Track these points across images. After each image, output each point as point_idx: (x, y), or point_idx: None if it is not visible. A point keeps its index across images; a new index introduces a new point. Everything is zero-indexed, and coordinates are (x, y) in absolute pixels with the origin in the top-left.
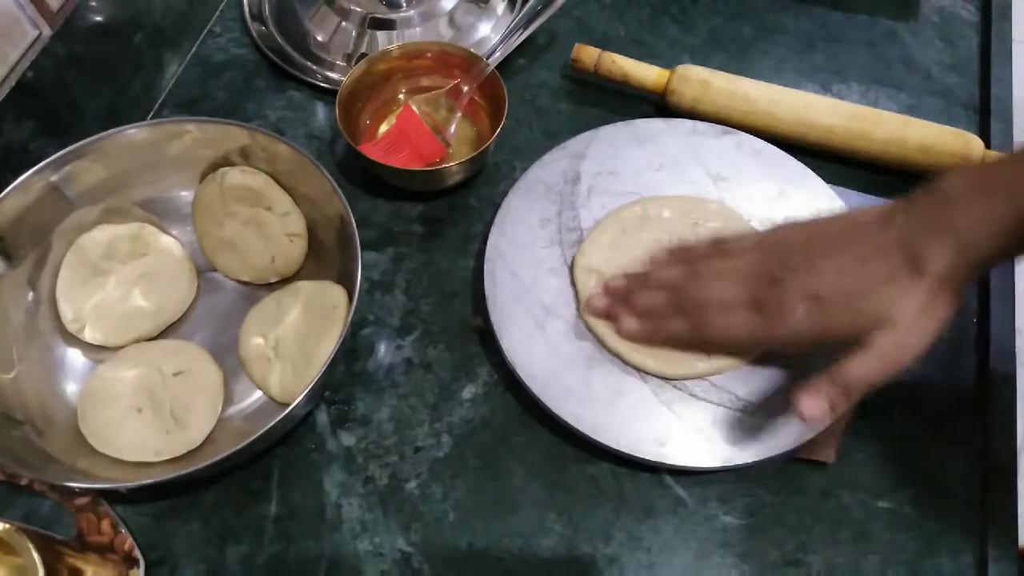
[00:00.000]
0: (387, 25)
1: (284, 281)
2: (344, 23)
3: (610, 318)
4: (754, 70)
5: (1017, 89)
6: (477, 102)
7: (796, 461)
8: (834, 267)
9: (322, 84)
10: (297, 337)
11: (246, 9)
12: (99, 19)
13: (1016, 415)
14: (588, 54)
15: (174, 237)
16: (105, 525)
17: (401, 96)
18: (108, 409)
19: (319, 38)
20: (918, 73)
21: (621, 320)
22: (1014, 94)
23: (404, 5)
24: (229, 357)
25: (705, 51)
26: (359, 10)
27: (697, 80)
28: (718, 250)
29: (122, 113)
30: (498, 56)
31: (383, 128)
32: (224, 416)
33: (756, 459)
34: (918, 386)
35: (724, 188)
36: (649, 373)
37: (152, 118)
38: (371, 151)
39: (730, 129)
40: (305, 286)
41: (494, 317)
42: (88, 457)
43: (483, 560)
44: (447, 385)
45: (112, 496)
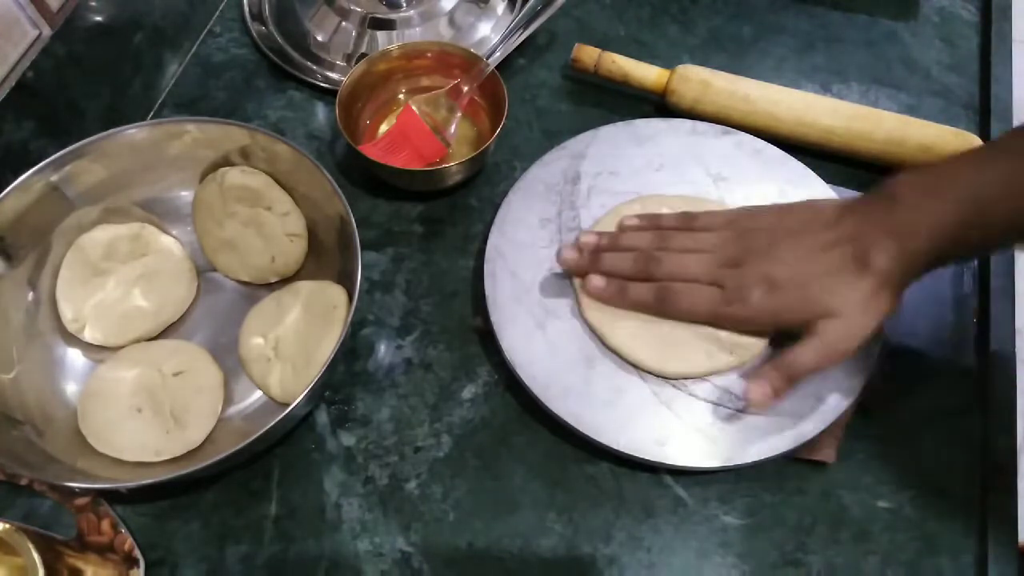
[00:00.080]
0: (387, 25)
1: (284, 281)
2: (344, 23)
3: (578, 273)
4: (754, 70)
5: (1017, 89)
6: (477, 102)
7: (796, 461)
8: (791, 255)
9: (322, 84)
10: (297, 337)
11: (246, 9)
12: (99, 19)
13: (1016, 415)
14: (588, 54)
15: (174, 237)
16: (105, 525)
17: (401, 96)
18: (108, 409)
19: (319, 38)
20: (918, 73)
21: (589, 278)
22: (1014, 94)
23: (404, 5)
24: (229, 357)
25: (705, 51)
26: (359, 10)
27: (697, 80)
28: (687, 224)
29: (122, 113)
30: (498, 56)
31: (383, 128)
32: (224, 416)
33: (756, 459)
34: (918, 386)
35: (724, 188)
36: (648, 371)
37: (152, 118)
38: (371, 151)
39: (730, 129)
40: (305, 286)
41: (494, 317)
42: (88, 457)
43: (483, 560)
44: (447, 385)
45: (112, 496)
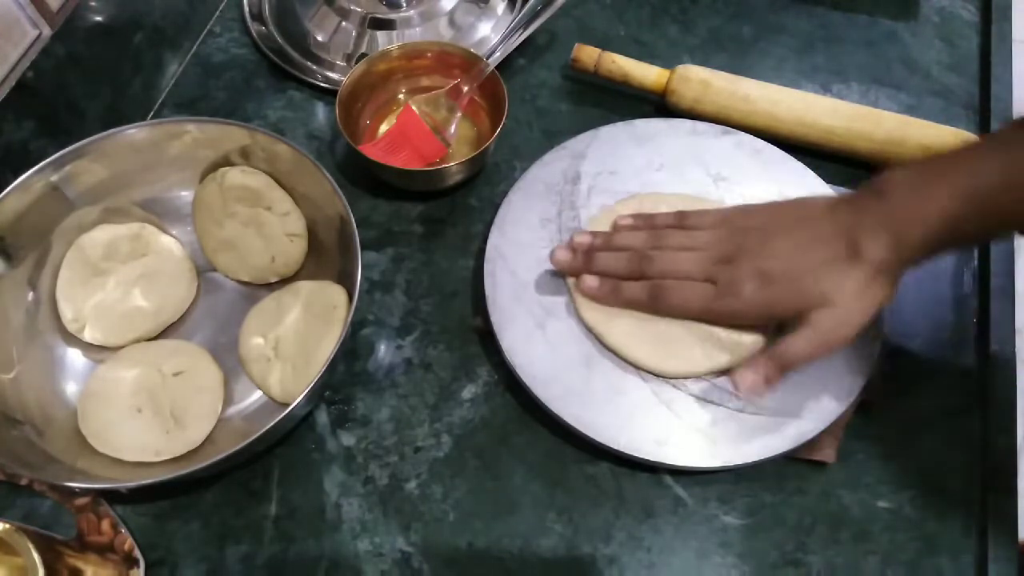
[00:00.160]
0: (387, 25)
1: (284, 281)
2: (344, 23)
3: (572, 273)
4: (754, 70)
5: (1017, 89)
6: (477, 102)
7: (796, 461)
8: (784, 250)
9: (322, 84)
10: (297, 337)
11: (246, 9)
12: (99, 19)
13: (1016, 415)
14: (588, 54)
15: (174, 237)
16: (105, 525)
17: (401, 96)
18: (108, 409)
19: (319, 38)
20: (918, 73)
21: (582, 278)
22: (1014, 94)
23: (404, 5)
24: (229, 357)
25: (705, 51)
26: (359, 10)
27: (697, 80)
28: (681, 223)
29: (122, 113)
30: (498, 56)
31: (383, 128)
32: (224, 416)
33: (756, 459)
34: (918, 386)
35: (724, 188)
36: (647, 370)
37: (152, 118)
38: (371, 151)
39: (730, 129)
40: (305, 286)
41: (494, 317)
42: (88, 457)
43: (483, 560)
44: (447, 385)
45: (112, 496)
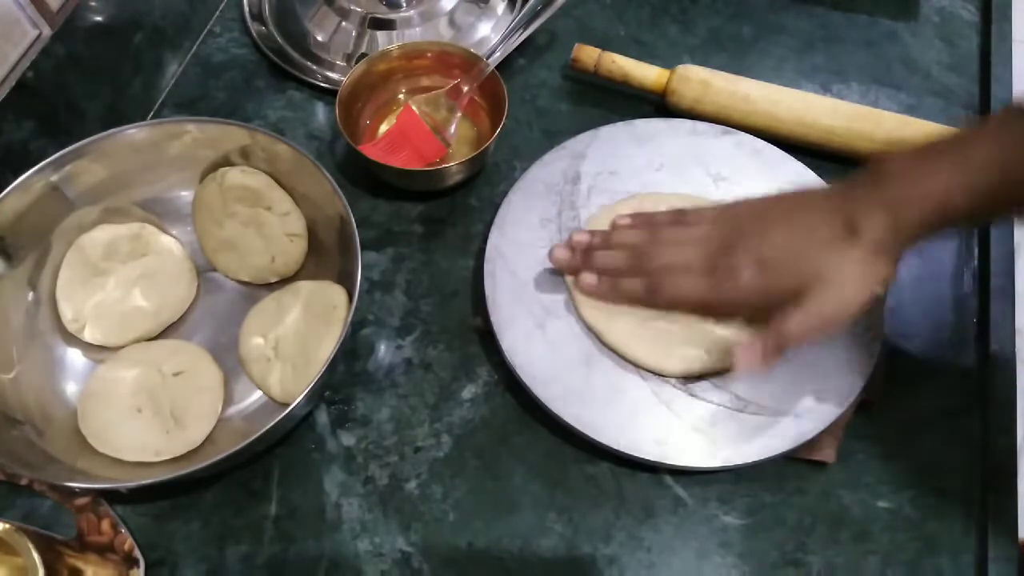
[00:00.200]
0: (387, 25)
1: (284, 281)
2: (344, 23)
3: (570, 272)
4: (754, 70)
5: (1017, 89)
6: (477, 102)
7: (796, 461)
8: (782, 236)
9: (322, 84)
10: (297, 337)
11: (246, 9)
12: (99, 19)
13: (1016, 415)
14: (588, 54)
15: (174, 237)
16: (105, 525)
17: (401, 96)
18: (108, 409)
19: (319, 38)
20: (918, 73)
21: (581, 275)
22: (1014, 94)
23: (404, 5)
24: (229, 357)
25: (705, 51)
26: (359, 10)
27: (697, 80)
28: (678, 219)
29: (122, 113)
30: (498, 56)
31: (383, 128)
32: (224, 416)
33: (756, 459)
34: (918, 386)
35: (724, 188)
36: (646, 369)
37: (152, 118)
38: (371, 151)
39: (730, 129)
40: (305, 286)
41: (494, 317)
42: (88, 457)
43: (483, 560)
44: (447, 385)
45: (112, 496)
